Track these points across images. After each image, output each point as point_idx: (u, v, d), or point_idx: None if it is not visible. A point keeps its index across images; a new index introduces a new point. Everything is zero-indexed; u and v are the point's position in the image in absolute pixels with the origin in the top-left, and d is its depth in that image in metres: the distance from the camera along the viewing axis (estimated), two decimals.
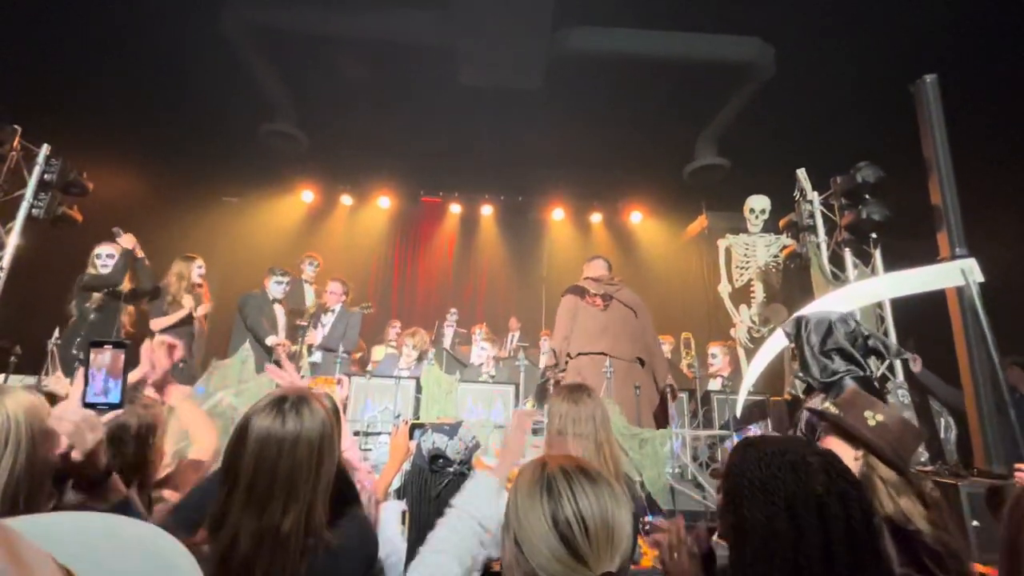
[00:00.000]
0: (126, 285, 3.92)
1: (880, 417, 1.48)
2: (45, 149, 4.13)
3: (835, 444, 1.52)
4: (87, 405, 1.11)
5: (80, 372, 1.12)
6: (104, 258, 3.97)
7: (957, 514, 2.53)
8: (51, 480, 0.95)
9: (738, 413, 3.71)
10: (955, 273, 3.18)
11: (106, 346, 1.16)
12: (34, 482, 0.90)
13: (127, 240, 3.92)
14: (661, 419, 3.67)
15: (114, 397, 1.14)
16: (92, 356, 1.15)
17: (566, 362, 3.75)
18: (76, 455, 0.91)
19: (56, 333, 3.72)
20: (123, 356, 1.16)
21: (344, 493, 1.32)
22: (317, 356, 4.75)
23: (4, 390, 0.93)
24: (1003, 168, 4.54)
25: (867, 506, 0.84)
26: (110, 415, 1.13)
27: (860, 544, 0.80)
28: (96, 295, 3.83)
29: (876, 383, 2.98)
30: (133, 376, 1.24)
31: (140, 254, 4.08)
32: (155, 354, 1.55)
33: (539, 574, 0.74)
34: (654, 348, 3.89)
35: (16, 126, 3.95)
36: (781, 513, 0.83)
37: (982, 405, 3.14)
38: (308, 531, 0.99)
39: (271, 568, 0.94)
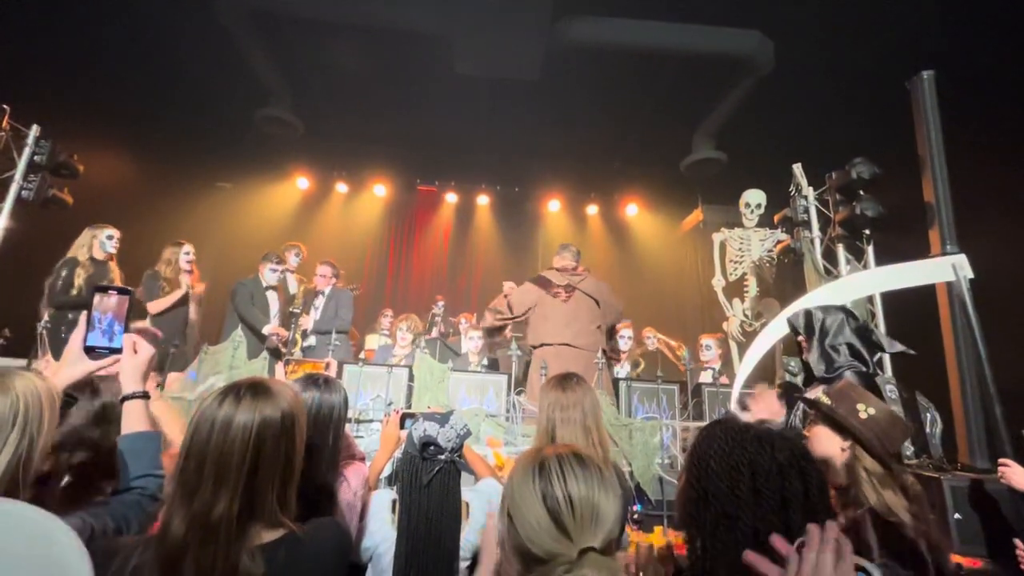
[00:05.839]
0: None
1: (871, 410, 1.50)
2: (35, 130, 4.06)
3: (824, 434, 1.55)
4: (87, 349, 1.11)
5: (83, 316, 1.11)
6: (108, 244, 3.94)
7: (940, 507, 2.58)
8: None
9: (733, 404, 3.73)
10: (946, 269, 3.21)
11: (111, 291, 1.15)
12: (35, 465, 0.90)
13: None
14: None
15: (117, 342, 1.13)
16: (97, 300, 1.14)
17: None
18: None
19: (45, 316, 3.69)
20: (128, 301, 1.16)
21: (319, 499, 1.30)
22: (312, 340, 4.73)
23: (14, 372, 0.92)
24: (994, 166, 4.56)
25: (825, 487, 0.85)
26: (109, 360, 1.12)
27: (817, 519, 0.80)
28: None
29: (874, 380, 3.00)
30: (112, 369, 1.22)
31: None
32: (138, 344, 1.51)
33: (527, 545, 0.80)
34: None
35: (5, 106, 3.89)
36: (744, 480, 0.83)
37: (967, 399, 3.18)
38: (249, 520, 0.94)
39: (202, 556, 0.89)
